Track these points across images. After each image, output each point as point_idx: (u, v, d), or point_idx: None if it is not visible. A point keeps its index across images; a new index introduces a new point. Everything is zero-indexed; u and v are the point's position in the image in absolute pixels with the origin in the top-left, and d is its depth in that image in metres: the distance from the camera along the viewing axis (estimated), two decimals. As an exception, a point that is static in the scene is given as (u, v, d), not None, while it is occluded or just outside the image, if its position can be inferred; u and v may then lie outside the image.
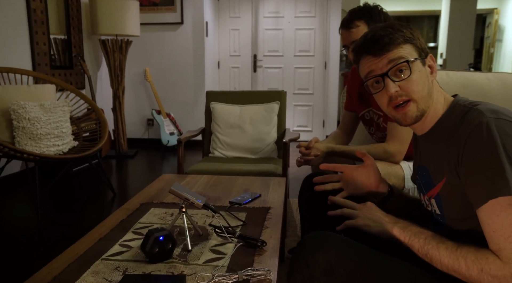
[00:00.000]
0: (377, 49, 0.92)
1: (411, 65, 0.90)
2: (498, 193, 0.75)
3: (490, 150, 0.77)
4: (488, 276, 0.75)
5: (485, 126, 0.79)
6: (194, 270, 0.99)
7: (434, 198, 0.95)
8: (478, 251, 0.78)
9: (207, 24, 4.67)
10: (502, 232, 0.75)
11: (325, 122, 5.18)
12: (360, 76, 1.00)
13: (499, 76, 1.91)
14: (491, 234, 0.77)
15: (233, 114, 2.66)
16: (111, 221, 1.31)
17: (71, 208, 2.73)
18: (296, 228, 2.30)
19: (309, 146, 1.57)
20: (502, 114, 0.81)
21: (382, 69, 0.92)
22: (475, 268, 0.77)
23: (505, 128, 0.78)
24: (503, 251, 0.74)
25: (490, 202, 0.76)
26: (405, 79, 0.91)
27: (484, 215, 0.78)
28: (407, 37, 0.92)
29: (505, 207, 0.74)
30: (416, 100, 0.91)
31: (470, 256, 0.78)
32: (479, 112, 0.83)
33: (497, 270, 0.74)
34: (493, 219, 0.76)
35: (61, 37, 3.75)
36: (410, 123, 0.95)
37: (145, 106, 4.79)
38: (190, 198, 1.13)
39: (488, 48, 7.89)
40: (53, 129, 2.71)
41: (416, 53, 0.92)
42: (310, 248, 0.86)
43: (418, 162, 1.06)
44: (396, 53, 0.91)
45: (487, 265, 0.75)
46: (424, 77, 0.92)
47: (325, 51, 5.04)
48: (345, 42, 1.53)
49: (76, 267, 1.01)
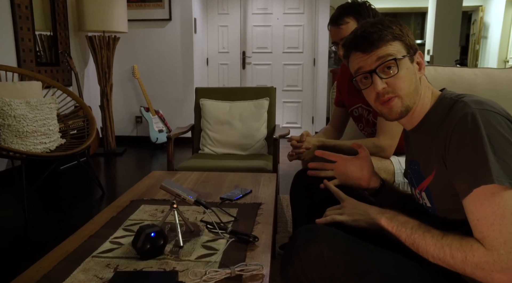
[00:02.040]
0: (366, 46, 0.94)
1: (398, 63, 0.92)
2: (481, 182, 0.76)
3: (474, 140, 0.78)
4: (472, 263, 0.76)
5: (470, 116, 0.80)
6: (186, 266, 0.99)
7: (425, 190, 0.96)
8: (463, 239, 0.79)
9: (195, 20, 4.64)
10: (486, 220, 0.76)
11: (314, 119, 5.20)
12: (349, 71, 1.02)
13: (485, 72, 1.93)
14: (475, 223, 0.78)
15: (223, 111, 2.65)
16: (101, 218, 1.30)
17: (59, 207, 2.69)
18: (286, 224, 2.31)
19: (301, 139, 1.57)
20: (486, 105, 0.82)
21: (371, 66, 0.94)
22: (459, 255, 0.78)
23: (489, 118, 0.80)
24: (486, 239, 0.76)
25: (474, 191, 0.77)
26: (392, 76, 0.92)
27: (468, 204, 0.79)
28: (396, 34, 0.93)
29: (488, 195, 0.76)
30: (402, 96, 0.93)
31: (455, 244, 0.79)
32: (464, 103, 0.84)
33: (481, 257, 0.75)
34: (477, 207, 0.77)
35: (46, 33, 3.69)
36: (395, 118, 0.97)
37: (133, 104, 4.74)
38: (181, 194, 1.13)
39: (474, 45, 8.00)
40: (39, 127, 2.67)
41: (404, 50, 0.93)
42: (302, 241, 0.86)
43: (410, 156, 1.07)
44: (385, 50, 0.92)
45: (471, 253, 0.77)
46: (412, 74, 0.93)
47: (314, 48, 5.05)
48: (335, 39, 1.53)
49: (66, 264, 1.00)
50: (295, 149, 1.60)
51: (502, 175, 0.75)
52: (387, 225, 0.92)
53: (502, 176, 0.75)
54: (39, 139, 2.66)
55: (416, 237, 0.86)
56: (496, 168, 0.75)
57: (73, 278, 0.93)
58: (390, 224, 0.92)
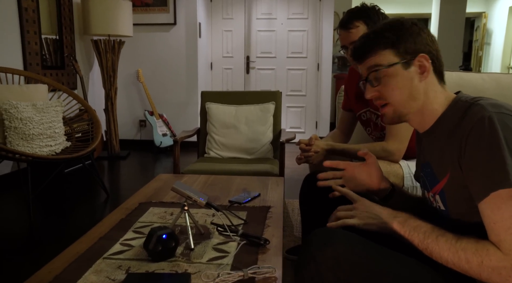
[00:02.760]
0: (358, 57, 1.00)
1: (386, 72, 0.94)
2: (499, 185, 0.75)
3: (492, 143, 0.78)
4: (489, 268, 0.75)
5: (487, 120, 0.79)
6: (198, 268, 0.98)
7: (439, 194, 0.95)
8: (478, 243, 0.78)
9: (200, 25, 4.66)
10: (503, 224, 0.75)
11: (318, 124, 5.20)
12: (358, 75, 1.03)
13: (493, 77, 1.93)
14: (492, 226, 0.77)
15: (229, 115, 2.65)
16: (110, 221, 1.30)
17: (64, 210, 2.69)
18: (293, 229, 2.30)
19: (309, 143, 1.57)
20: (503, 109, 0.82)
21: (364, 74, 0.99)
22: (475, 260, 0.77)
23: (507, 122, 0.79)
24: (503, 243, 0.75)
25: (492, 195, 0.76)
26: (381, 84, 0.96)
27: (485, 207, 0.78)
28: (389, 41, 0.94)
29: (506, 199, 0.75)
30: (393, 104, 0.96)
31: (470, 248, 0.78)
32: (481, 106, 0.83)
33: (498, 261, 0.74)
34: (494, 211, 0.77)
35: (52, 37, 3.70)
36: (388, 123, 1.02)
37: (138, 107, 4.75)
38: (193, 196, 1.12)
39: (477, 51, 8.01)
40: (45, 129, 2.67)
41: (396, 57, 0.94)
42: (318, 244, 0.86)
43: (422, 159, 1.07)
44: (373, 60, 0.96)
45: (487, 257, 0.76)
46: (405, 80, 0.94)
47: (318, 53, 5.06)
48: (344, 43, 1.54)
49: (77, 266, 0.99)
50: (303, 152, 1.59)
51: None
52: (400, 230, 0.92)
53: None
54: (45, 142, 2.67)
55: (429, 242, 0.85)
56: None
57: (85, 280, 0.93)
58: (402, 228, 0.92)
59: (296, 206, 2.68)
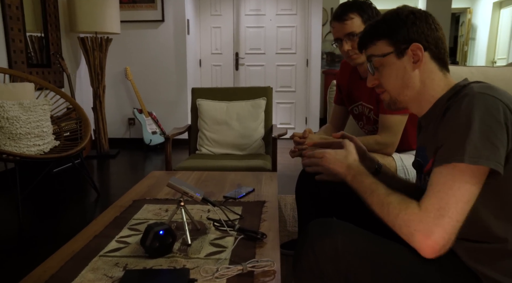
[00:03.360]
0: (360, 47, 1.05)
1: (381, 61, 0.98)
2: (453, 159, 0.79)
3: (462, 119, 0.80)
4: (402, 220, 0.80)
5: (468, 98, 0.81)
6: (196, 263, 0.98)
7: (428, 173, 0.96)
8: (404, 199, 0.83)
9: (188, 21, 4.62)
10: (435, 187, 0.80)
11: (307, 119, 5.22)
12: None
13: (481, 70, 1.96)
14: (428, 187, 0.82)
15: (220, 111, 2.64)
16: (104, 219, 1.28)
17: (54, 210, 2.65)
18: (286, 224, 2.31)
19: (303, 136, 1.57)
20: (489, 90, 0.82)
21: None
22: (393, 212, 0.82)
23: (487, 102, 0.79)
24: (425, 201, 0.80)
25: (444, 166, 0.80)
26: (378, 73, 1.01)
27: (433, 173, 0.82)
28: (382, 32, 0.98)
29: (452, 170, 0.79)
30: (389, 91, 1.00)
31: (394, 203, 0.83)
32: (470, 88, 0.85)
33: (411, 215, 0.79)
34: (436, 175, 0.81)
35: (37, 34, 3.63)
36: (387, 108, 1.06)
37: (126, 105, 4.70)
38: (189, 191, 1.11)
39: (462, 46, 8.11)
40: (33, 129, 2.62)
41: (390, 47, 0.97)
42: (316, 235, 0.86)
43: (419, 143, 1.08)
44: (370, 51, 1.01)
45: (404, 210, 0.81)
46: (399, 69, 0.97)
47: (307, 49, 5.07)
48: (338, 35, 1.54)
49: (74, 264, 0.98)
50: (297, 145, 1.59)
51: (481, 155, 0.76)
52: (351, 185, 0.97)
53: (479, 156, 0.76)
54: (33, 141, 2.62)
55: (367, 197, 0.90)
56: (474, 149, 0.77)
57: (82, 278, 0.91)
58: (352, 185, 0.97)
59: (288, 201, 2.68)
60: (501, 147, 0.78)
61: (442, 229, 0.76)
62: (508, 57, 6.41)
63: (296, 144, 1.59)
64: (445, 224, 0.76)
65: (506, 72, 1.94)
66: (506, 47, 6.50)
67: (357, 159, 1.03)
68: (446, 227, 0.76)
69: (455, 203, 0.77)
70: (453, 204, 0.77)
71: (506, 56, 6.51)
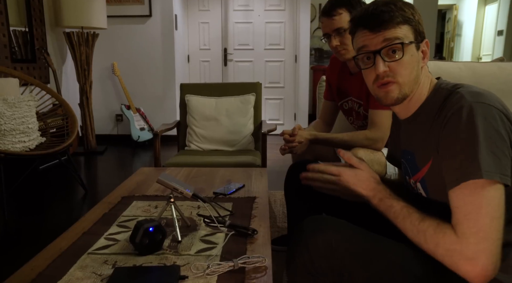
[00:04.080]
0: (375, 24, 0.90)
1: (405, 48, 0.89)
2: (469, 176, 0.76)
3: (467, 133, 0.78)
4: (443, 249, 0.77)
5: (465, 109, 0.80)
6: (186, 260, 0.97)
7: (420, 181, 0.96)
8: (439, 226, 0.80)
9: (176, 17, 4.58)
10: (463, 209, 0.76)
11: (296, 115, 5.22)
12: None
13: (469, 65, 1.98)
14: (454, 210, 0.79)
15: (209, 107, 2.62)
16: (93, 215, 1.26)
17: (41, 207, 2.61)
18: (276, 220, 2.31)
19: (293, 133, 1.57)
20: (482, 98, 0.81)
21: (376, 46, 0.91)
22: (432, 241, 0.79)
23: (484, 112, 0.79)
24: (459, 226, 0.76)
25: (462, 185, 0.77)
26: (395, 61, 0.90)
27: (453, 194, 0.79)
28: (407, 17, 0.90)
29: (473, 188, 0.76)
30: (401, 83, 0.91)
31: (430, 230, 0.80)
32: (460, 95, 0.83)
33: (450, 244, 0.76)
34: (458, 197, 0.78)
35: (21, 29, 3.56)
36: (390, 103, 0.95)
37: (114, 101, 4.64)
38: (179, 187, 1.10)
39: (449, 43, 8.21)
40: (18, 125, 2.57)
41: (412, 36, 0.91)
42: (310, 232, 0.86)
43: (402, 145, 1.07)
44: (393, 32, 0.89)
45: (443, 239, 0.78)
46: (415, 61, 0.91)
47: (295, 45, 5.07)
48: (327, 30, 1.54)
49: (62, 262, 0.96)
50: (287, 143, 1.59)
51: (492, 169, 0.75)
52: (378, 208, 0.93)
53: (492, 170, 0.75)
54: (18, 138, 2.57)
55: (398, 222, 0.87)
56: (486, 162, 0.75)
57: (70, 276, 0.90)
58: (379, 208, 0.93)
59: (278, 197, 2.68)
60: (503, 158, 0.77)
61: (487, 253, 0.73)
62: (493, 53, 6.50)
63: (286, 141, 1.59)
64: (488, 246, 0.73)
65: (492, 67, 1.97)
66: (491, 43, 6.59)
67: (379, 180, 0.97)
68: (490, 249, 0.73)
69: (490, 221, 0.74)
70: (489, 223, 0.74)
71: (491, 53, 6.60)
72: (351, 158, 1.00)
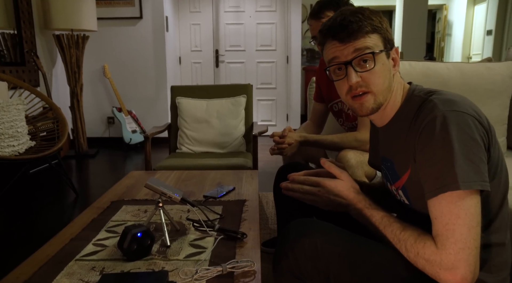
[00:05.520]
0: (344, 35, 0.88)
1: (375, 57, 0.88)
2: (447, 187, 0.76)
3: (442, 142, 0.78)
4: (423, 259, 0.78)
5: (439, 119, 0.79)
6: (175, 265, 0.96)
7: (401, 189, 0.96)
8: (419, 236, 0.81)
9: (167, 18, 4.56)
10: (442, 219, 0.77)
11: (288, 116, 5.23)
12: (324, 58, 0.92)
13: (457, 66, 2.00)
14: (433, 221, 0.79)
15: (200, 109, 2.62)
16: (82, 221, 1.25)
17: (31, 212, 2.58)
18: (267, 221, 2.31)
19: (283, 135, 1.57)
20: (455, 105, 0.81)
21: (347, 57, 0.89)
22: (412, 251, 0.80)
23: (458, 121, 0.78)
24: (439, 237, 0.77)
25: (440, 196, 0.78)
26: (367, 71, 0.89)
27: (431, 204, 0.80)
28: (376, 26, 0.89)
29: (451, 199, 0.76)
30: (375, 93, 0.90)
31: (411, 240, 0.81)
32: (433, 104, 0.83)
33: (430, 255, 0.77)
34: (436, 207, 0.78)
35: (10, 31, 3.52)
36: (366, 114, 0.94)
37: (105, 104, 4.62)
38: (167, 192, 1.10)
39: (439, 42, 8.27)
40: (7, 129, 2.55)
41: (382, 44, 0.90)
42: (295, 235, 0.86)
43: (381, 152, 1.06)
44: (363, 42, 0.88)
45: (423, 249, 0.79)
46: (387, 69, 0.90)
47: (287, 46, 5.08)
48: (315, 33, 1.54)
49: (48, 269, 0.95)
50: (277, 144, 1.59)
51: (469, 178, 0.75)
52: (357, 217, 0.95)
53: (469, 179, 0.75)
54: (7, 142, 2.54)
55: (380, 230, 0.88)
56: (463, 172, 0.75)
57: (57, 283, 0.89)
58: (358, 218, 0.94)
59: (270, 199, 2.68)
60: (481, 164, 0.77)
61: (466, 263, 0.74)
62: (483, 52, 6.56)
63: (276, 143, 1.59)
64: (466, 256, 0.74)
65: (480, 67, 1.98)
66: (481, 43, 6.66)
67: (359, 189, 0.97)
68: (468, 258, 0.74)
69: (468, 230, 0.75)
70: (466, 232, 0.75)
71: (480, 52, 6.66)
72: (331, 167, 1.00)
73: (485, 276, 0.82)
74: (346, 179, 0.99)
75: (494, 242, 0.85)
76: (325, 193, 0.98)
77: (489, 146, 0.81)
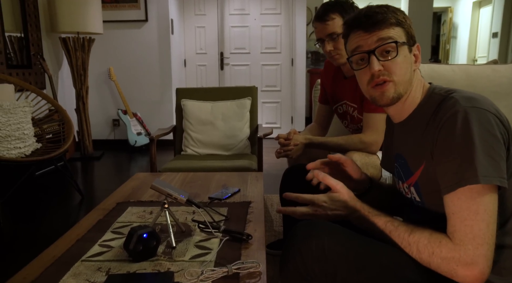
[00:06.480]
0: (369, 25, 0.92)
1: (398, 47, 0.91)
2: (466, 181, 0.76)
3: (463, 138, 0.78)
4: (438, 258, 0.78)
5: (460, 114, 0.80)
6: (181, 266, 0.97)
7: (413, 185, 0.96)
8: (432, 235, 0.80)
9: (172, 21, 4.58)
10: (459, 215, 0.77)
11: (293, 119, 5.23)
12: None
13: (463, 68, 1.99)
14: (450, 216, 0.79)
15: (205, 111, 2.62)
16: (88, 222, 1.26)
17: (37, 214, 2.60)
18: (272, 224, 2.31)
19: (288, 137, 1.57)
20: (476, 102, 0.82)
21: (370, 46, 0.92)
22: (426, 251, 0.80)
23: (479, 117, 0.79)
24: (457, 233, 0.77)
25: (458, 190, 0.77)
26: (390, 60, 0.91)
27: (449, 200, 0.80)
28: (400, 20, 0.92)
29: (470, 194, 0.76)
30: (396, 82, 0.92)
31: (422, 241, 0.81)
32: (454, 100, 0.84)
33: (448, 252, 0.77)
34: (454, 202, 0.78)
35: (17, 34, 3.55)
36: (386, 103, 0.95)
37: (110, 106, 4.64)
38: (173, 193, 1.10)
39: (444, 45, 8.24)
40: (13, 131, 2.57)
41: (405, 37, 0.93)
42: (302, 236, 0.86)
43: (395, 150, 1.07)
44: (387, 32, 0.91)
45: (438, 248, 0.78)
46: (408, 63, 0.93)
47: (292, 48, 5.08)
48: (320, 35, 1.54)
49: (54, 270, 0.96)
50: (282, 147, 1.59)
51: (489, 173, 0.75)
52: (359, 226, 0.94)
53: (489, 174, 0.75)
54: (13, 144, 2.56)
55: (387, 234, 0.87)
56: (483, 167, 0.75)
57: (63, 284, 0.89)
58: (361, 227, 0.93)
59: (275, 201, 2.68)
60: (501, 161, 0.77)
61: (485, 258, 0.74)
62: (488, 55, 6.53)
63: (282, 145, 1.60)
64: (485, 251, 0.74)
65: (486, 69, 1.98)
66: (486, 45, 6.63)
67: (356, 198, 0.96)
68: (487, 254, 0.75)
69: (487, 226, 0.75)
70: (485, 228, 0.75)
71: (486, 54, 6.63)
72: (326, 178, 0.99)
73: (495, 278, 0.81)
74: (342, 190, 0.97)
75: (508, 244, 0.84)
76: (322, 212, 0.97)
77: (508, 145, 0.81)
